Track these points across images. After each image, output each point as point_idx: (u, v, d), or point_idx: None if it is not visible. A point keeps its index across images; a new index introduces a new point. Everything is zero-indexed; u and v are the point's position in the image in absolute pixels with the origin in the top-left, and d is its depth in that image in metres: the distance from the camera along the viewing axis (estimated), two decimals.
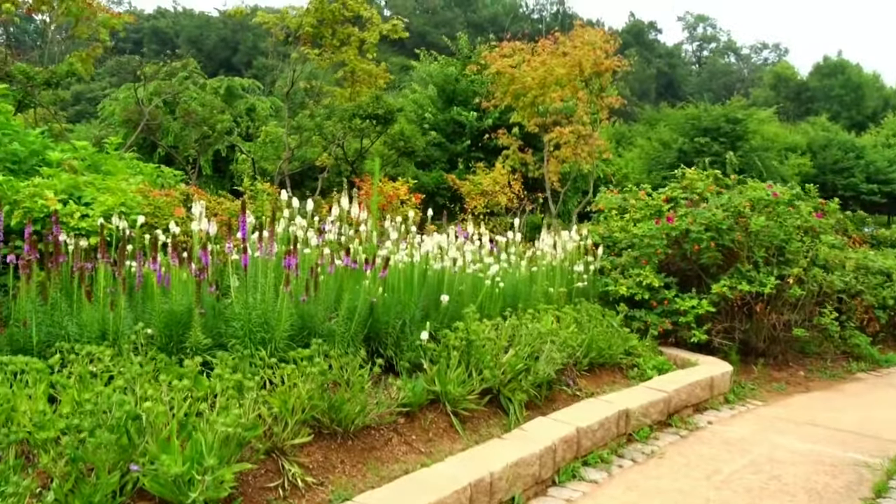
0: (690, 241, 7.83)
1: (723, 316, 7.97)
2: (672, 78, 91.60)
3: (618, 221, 9.11)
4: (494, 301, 6.52)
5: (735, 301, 7.79)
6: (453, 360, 4.93)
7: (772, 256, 8.18)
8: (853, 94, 60.87)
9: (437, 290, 6.02)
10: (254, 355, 4.51)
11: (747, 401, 6.92)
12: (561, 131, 12.95)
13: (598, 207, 9.62)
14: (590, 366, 6.43)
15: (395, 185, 9.52)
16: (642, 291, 7.86)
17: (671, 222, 7.83)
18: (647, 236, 7.98)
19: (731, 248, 7.97)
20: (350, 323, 5.14)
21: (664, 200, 8.40)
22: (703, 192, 8.61)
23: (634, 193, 9.42)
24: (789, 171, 35.79)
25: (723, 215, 7.73)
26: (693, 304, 7.68)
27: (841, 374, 8.20)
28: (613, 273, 8.29)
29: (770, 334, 8.09)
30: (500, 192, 11.39)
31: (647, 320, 7.78)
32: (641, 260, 8.12)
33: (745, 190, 8.57)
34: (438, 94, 22.35)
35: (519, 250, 7.76)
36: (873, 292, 9.36)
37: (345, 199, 6.12)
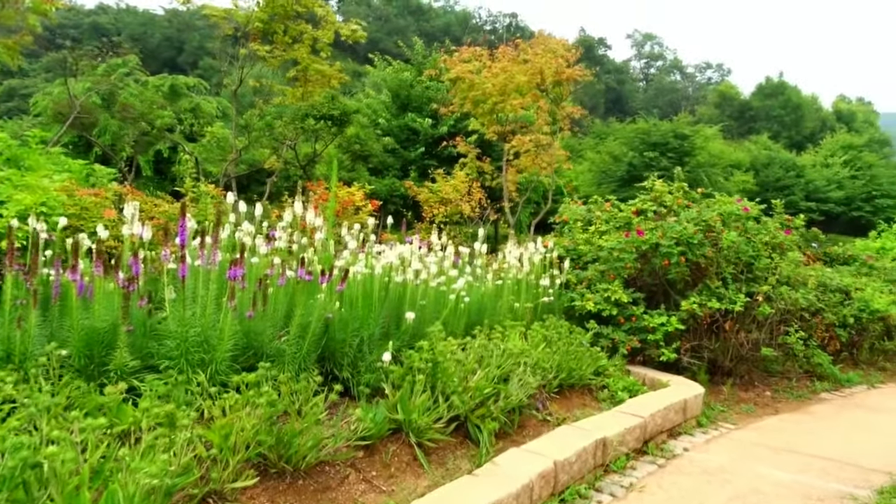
0: (660, 256, 7.51)
1: (691, 334, 7.67)
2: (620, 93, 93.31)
3: (582, 234, 8.75)
4: (459, 317, 6.05)
5: (704, 319, 7.50)
6: (418, 385, 4.42)
7: (740, 273, 7.94)
8: (793, 115, 62.89)
9: (398, 305, 5.52)
10: (190, 380, 3.93)
11: (719, 424, 6.60)
12: (521, 140, 12.61)
13: (561, 218, 9.25)
14: (559, 387, 6.00)
15: (351, 191, 8.99)
16: (610, 307, 7.49)
17: (641, 235, 7.50)
18: (616, 249, 7.63)
19: (698, 263, 7.69)
20: (302, 342, 4.59)
21: (634, 213, 8.09)
22: (671, 205, 8.33)
23: (600, 205, 9.08)
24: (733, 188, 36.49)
25: (694, 229, 7.43)
26: (662, 321, 7.35)
27: (806, 395, 7.99)
28: (579, 287, 7.92)
29: (738, 353, 7.82)
30: (461, 200, 10.99)
31: (614, 338, 7.41)
32: (609, 274, 7.77)
33: (713, 204, 8.31)
34: (392, 100, 21.90)
35: (484, 263, 7.32)
36: (834, 310, 9.23)
37: (298, 204, 5.56)
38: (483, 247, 7.02)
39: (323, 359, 4.94)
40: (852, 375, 8.95)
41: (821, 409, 7.43)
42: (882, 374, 9.61)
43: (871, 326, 9.58)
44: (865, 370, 9.58)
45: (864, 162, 42.67)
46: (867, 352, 9.85)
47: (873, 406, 7.67)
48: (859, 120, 64.30)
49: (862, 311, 9.39)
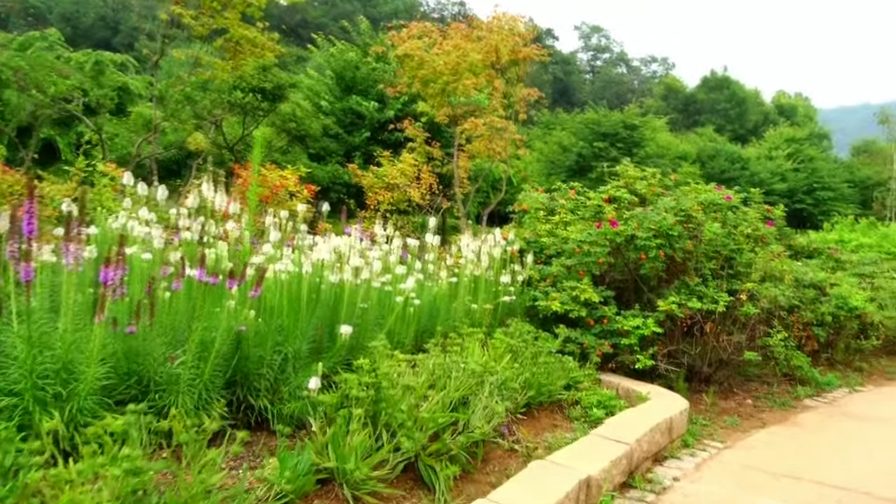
0: (636, 250, 6.65)
1: (667, 337, 6.84)
2: (568, 85, 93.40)
3: (545, 224, 7.85)
4: (408, 323, 5.05)
5: (684, 321, 6.68)
6: (356, 421, 3.41)
7: (720, 269, 7.16)
8: (737, 108, 63.75)
9: (333, 312, 4.49)
10: (38, 422, 2.83)
11: (705, 442, 5.78)
12: (474, 123, 11.64)
13: (521, 207, 8.33)
14: (527, 405, 5.08)
15: (283, 174, 7.87)
16: (578, 308, 6.60)
17: (615, 227, 6.62)
18: (585, 242, 6.73)
19: (674, 257, 6.87)
20: (203, 364, 3.52)
21: (606, 200, 7.20)
22: (644, 193, 7.48)
23: (564, 192, 8.19)
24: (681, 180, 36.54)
25: (673, 220, 6.59)
26: (637, 323, 6.50)
27: (790, 403, 7.27)
28: (543, 285, 7.01)
29: (718, 358, 7.04)
30: (409, 185, 9.88)
31: (583, 342, 6.53)
32: (577, 270, 6.87)
33: (690, 192, 7.50)
34: (336, 82, 20.65)
35: (436, 257, 6.34)
36: (811, 308, 8.57)
37: (207, 186, 4.46)
38: (435, 239, 6.03)
39: (233, 384, 3.88)
40: (831, 378, 8.30)
41: (808, 420, 6.70)
42: (859, 375, 9.01)
43: (847, 324, 8.96)
44: (842, 371, 8.97)
45: (805, 155, 43.23)
46: (842, 351, 9.24)
47: (861, 414, 6.99)
48: (800, 114, 65.53)
49: (839, 308, 8.75)
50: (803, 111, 68.44)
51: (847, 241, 15.64)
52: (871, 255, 12.72)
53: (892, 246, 15.39)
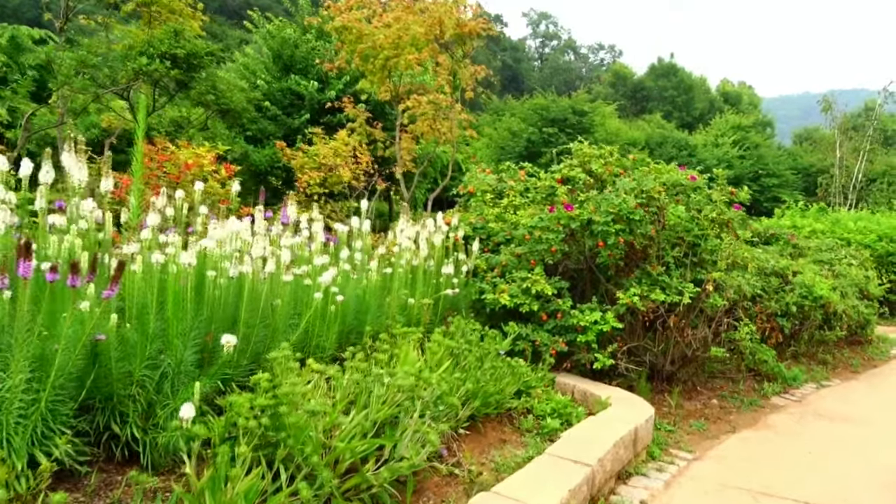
0: (593, 236, 5.95)
1: (627, 333, 6.18)
2: (517, 71, 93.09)
3: (493, 208, 7.10)
4: (329, 324, 4.23)
5: (646, 314, 6.02)
6: (242, 458, 2.58)
7: (683, 256, 6.52)
8: (684, 96, 64.28)
9: (231, 313, 3.64)
10: None
11: (672, 452, 5.13)
12: (418, 100, 10.81)
13: (466, 189, 7.56)
14: (471, 417, 4.32)
15: (197, 152, 6.91)
16: (529, 301, 5.88)
17: (570, 210, 5.90)
18: (537, 228, 6.00)
19: (634, 245, 6.19)
20: (42, 385, 2.65)
21: (559, 181, 6.46)
22: (600, 174, 6.78)
23: (513, 172, 7.45)
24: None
25: (634, 203, 5.90)
26: (595, 318, 5.81)
27: (758, 402, 6.70)
28: (490, 276, 6.26)
29: (682, 354, 6.42)
30: (342, 165, 8.90)
31: (535, 340, 5.81)
32: (528, 259, 6.14)
33: (650, 172, 6.83)
34: (274, 61, 19.51)
35: (367, 245, 5.52)
36: (775, 297, 8.04)
37: (68, 156, 3.54)
38: (365, 224, 5.21)
39: (90, 409, 3.00)
40: (797, 372, 7.78)
41: (780, 422, 6.12)
42: (824, 368, 8.54)
43: (812, 315, 8.47)
44: (807, 364, 8.49)
45: (751, 142, 43.62)
46: (806, 343, 8.77)
47: (833, 414, 6.46)
48: (744, 102, 66.49)
49: (804, 297, 8.25)
50: (748, 99, 69.49)
51: (800, 227, 15.36)
52: (827, 241, 12.37)
53: (845, 232, 15.16)
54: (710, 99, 67.28)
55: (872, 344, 10.54)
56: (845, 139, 37.72)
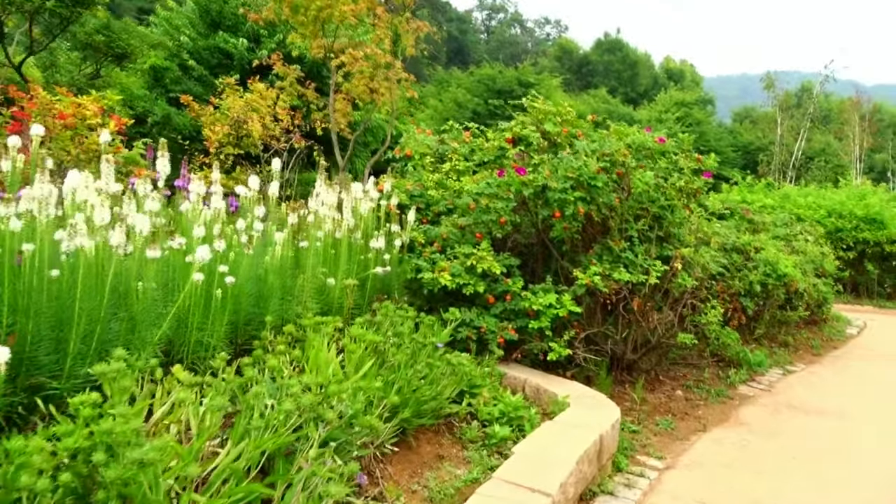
0: (549, 205, 5.10)
1: (586, 317, 5.38)
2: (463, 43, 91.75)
3: (433, 174, 6.19)
4: (215, 314, 3.25)
5: (607, 296, 5.22)
6: None
7: (648, 230, 5.74)
8: (630, 71, 64.28)
9: (67, 302, 2.64)
10: None
11: (640, 460, 4.36)
12: (353, 55, 9.74)
13: (403, 153, 6.61)
14: (401, 430, 3.43)
15: (80, 101, 5.75)
16: (474, 281, 5.00)
17: (522, 174, 5.02)
18: (484, 195, 5.12)
19: (592, 216, 5.37)
20: None
21: (509, 141, 5.55)
22: (554, 136, 5.91)
23: (456, 134, 6.53)
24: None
25: (596, 166, 5.07)
26: (549, 300, 4.98)
27: (725, 392, 6.03)
28: (429, 251, 5.35)
29: (645, 340, 5.67)
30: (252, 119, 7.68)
31: (481, 326, 4.95)
32: (474, 232, 5.26)
33: (612, 134, 6.00)
34: (200, 16, 17.99)
35: (283, 215, 4.55)
36: (738, 275, 7.40)
37: None
38: (273, 186, 4.22)
39: None
40: (761, 357, 7.17)
41: (753, 417, 5.44)
42: (786, 351, 7.99)
43: (775, 294, 7.88)
44: (769, 347, 7.91)
45: (694, 119, 43.69)
46: (766, 324, 8.18)
47: (808, 406, 5.83)
48: (687, 79, 66.93)
49: (768, 276, 7.64)
50: (690, 76, 70.00)
51: (751, 202, 14.90)
52: (782, 216, 11.89)
53: (795, 207, 14.80)
54: (654, 75, 67.52)
55: (828, 323, 10.11)
56: (786, 116, 38.03)
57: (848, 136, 38.87)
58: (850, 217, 14.31)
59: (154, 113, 16.58)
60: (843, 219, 14.44)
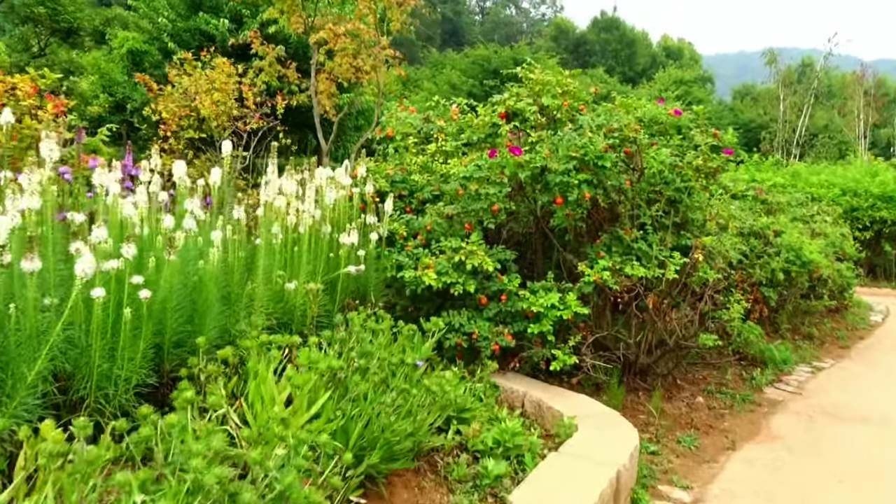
0: (549, 189, 4.38)
1: (594, 318, 4.68)
2: (457, 25, 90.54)
3: (417, 156, 5.47)
4: (125, 340, 2.54)
5: (619, 294, 4.51)
6: None
7: (662, 215, 5.03)
8: (627, 50, 63.29)
9: None
10: None
11: (663, 492, 3.67)
12: (333, 30, 8.97)
13: (384, 133, 5.89)
14: (369, 475, 2.74)
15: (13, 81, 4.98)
16: (464, 279, 4.30)
17: (518, 154, 4.29)
18: (474, 179, 4.40)
19: (598, 201, 4.64)
20: None
21: (502, 116, 4.80)
22: (553, 111, 5.16)
23: (443, 110, 5.81)
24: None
25: (604, 144, 4.35)
26: (552, 300, 4.28)
27: (751, 397, 5.34)
28: (412, 245, 4.64)
29: (660, 341, 4.97)
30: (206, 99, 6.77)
31: (472, 332, 4.25)
32: (463, 222, 4.55)
33: (618, 108, 5.27)
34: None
35: (250, 206, 3.83)
36: (759, 263, 6.70)
37: None
38: (216, 175, 3.50)
39: None
40: (786, 353, 6.48)
41: (786, 428, 4.76)
42: (811, 344, 7.29)
43: (798, 282, 7.18)
44: (792, 340, 7.21)
45: (694, 97, 42.78)
46: (789, 315, 7.49)
47: (845, 411, 5.15)
48: (686, 57, 65.97)
49: (791, 262, 6.94)
50: (689, 54, 68.97)
51: (760, 180, 14.17)
52: (797, 195, 11.17)
53: (806, 185, 14.07)
54: (652, 54, 66.56)
55: (850, 310, 9.42)
56: (789, 93, 37.17)
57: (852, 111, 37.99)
58: (866, 195, 13.58)
59: (133, 99, 15.81)
60: (858, 197, 13.72)
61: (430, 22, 75.98)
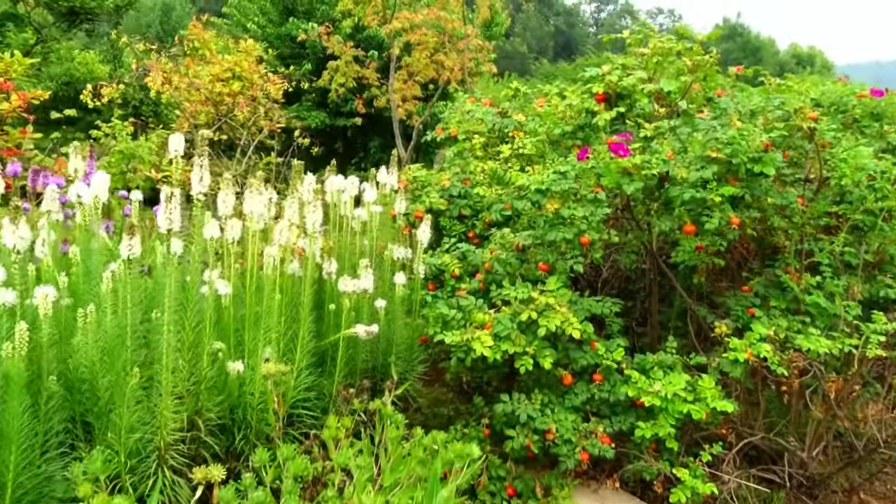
0: (669, 209, 2.81)
1: (742, 413, 3.02)
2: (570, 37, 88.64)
3: (485, 162, 4.03)
4: None
5: (786, 381, 2.84)
6: None
7: (847, 251, 3.30)
8: (752, 58, 59.51)
9: None
10: None
11: None
12: (408, 17, 7.71)
13: (447, 132, 4.48)
14: None
15: None
16: (536, 348, 2.78)
17: (625, 155, 2.73)
18: (554, 194, 2.87)
19: (743, 227, 3.00)
20: None
21: (600, 99, 3.22)
22: (675, 95, 3.50)
23: (524, 100, 4.34)
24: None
25: (763, 139, 2.73)
26: (676, 387, 2.69)
27: None
28: (465, 287, 3.19)
29: (848, 447, 3.24)
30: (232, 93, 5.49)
31: (546, 429, 2.73)
32: (536, 260, 3.05)
33: (775, 89, 3.60)
34: (272, 2, 16.59)
35: None
36: None
37: None
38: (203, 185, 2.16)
39: None
40: None
41: None
42: None
43: None
44: None
45: None
46: None
47: None
48: (817, 65, 61.52)
49: None
50: (820, 62, 64.22)
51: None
52: None
53: None
54: (780, 62, 62.40)
55: None
56: None
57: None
58: None
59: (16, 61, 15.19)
60: None
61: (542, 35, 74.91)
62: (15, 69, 4.53)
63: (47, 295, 1.77)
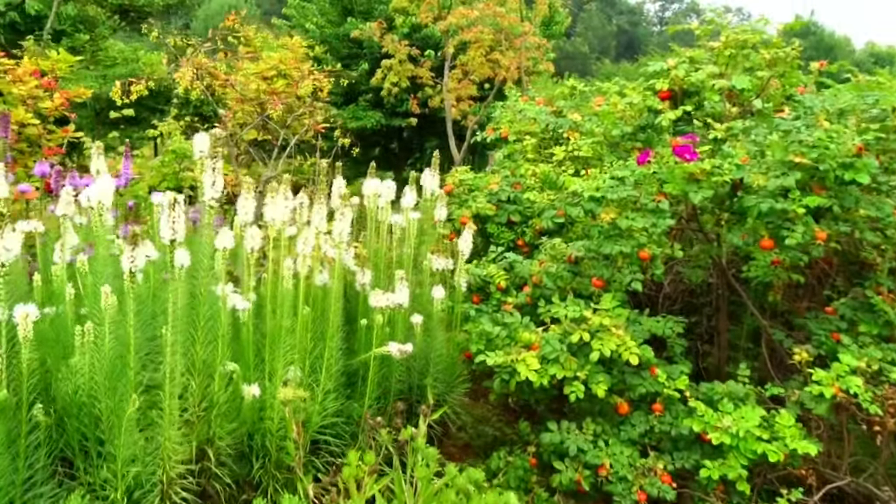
0: (742, 220, 2.49)
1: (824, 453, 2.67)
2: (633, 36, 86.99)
3: (536, 165, 3.75)
4: None
5: (879, 420, 2.48)
6: None
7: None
8: (825, 57, 57.14)
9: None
10: None
11: None
12: (465, 14, 7.47)
13: (498, 133, 4.21)
14: None
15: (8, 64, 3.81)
16: (588, 373, 2.50)
17: (692, 159, 2.42)
18: (611, 203, 2.58)
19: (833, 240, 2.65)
20: None
21: (664, 97, 2.89)
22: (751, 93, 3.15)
23: (581, 99, 4.05)
24: None
25: (857, 142, 2.38)
26: (750, 423, 2.37)
27: None
28: (510, 304, 2.92)
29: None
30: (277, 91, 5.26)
31: (599, 464, 2.45)
32: (589, 274, 2.76)
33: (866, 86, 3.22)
34: (331, 2, 16.61)
35: None
36: None
37: None
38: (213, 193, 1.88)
39: None
40: None
41: None
42: None
43: None
44: None
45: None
46: None
47: None
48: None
49: None
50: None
51: None
52: None
53: None
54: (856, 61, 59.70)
55: None
56: None
57: None
58: None
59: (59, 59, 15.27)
60: None
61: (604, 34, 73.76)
62: (60, 67, 4.48)
63: (27, 315, 1.59)
